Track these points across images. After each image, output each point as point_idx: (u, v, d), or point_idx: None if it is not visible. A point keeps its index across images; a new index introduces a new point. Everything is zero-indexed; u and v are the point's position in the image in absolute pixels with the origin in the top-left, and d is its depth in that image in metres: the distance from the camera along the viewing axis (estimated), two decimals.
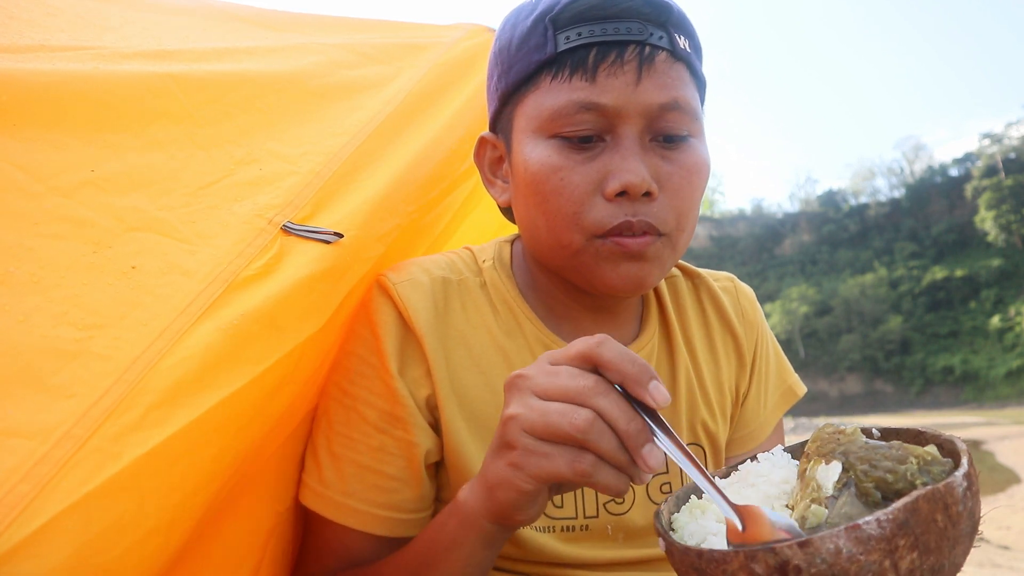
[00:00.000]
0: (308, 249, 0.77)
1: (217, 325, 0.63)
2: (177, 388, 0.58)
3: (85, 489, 0.50)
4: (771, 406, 0.94)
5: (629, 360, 0.56)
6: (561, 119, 0.73)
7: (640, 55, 0.72)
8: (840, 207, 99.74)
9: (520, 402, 0.58)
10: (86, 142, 0.69)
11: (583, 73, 0.72)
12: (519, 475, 0.57)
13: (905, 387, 68.52)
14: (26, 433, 0.50)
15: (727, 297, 0.96)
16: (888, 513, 0.41)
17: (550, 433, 0.55)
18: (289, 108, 0.93)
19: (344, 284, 0.81)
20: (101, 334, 0.57)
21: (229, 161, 0.80)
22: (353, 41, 1.19)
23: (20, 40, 0.76)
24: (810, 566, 0.42)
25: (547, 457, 0.56)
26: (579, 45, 0.72)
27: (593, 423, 0.54)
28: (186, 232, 0.69)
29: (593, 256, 0.75)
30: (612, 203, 0.73)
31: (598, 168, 0.73)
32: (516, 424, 0.57)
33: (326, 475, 0.78)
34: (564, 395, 0.56)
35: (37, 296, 0.57)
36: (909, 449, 0.47)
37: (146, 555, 0.54)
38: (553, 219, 0.76)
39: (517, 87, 0.78)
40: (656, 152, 0.75)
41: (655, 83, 0.72)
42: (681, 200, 0.76)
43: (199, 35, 1.03)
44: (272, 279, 0.71)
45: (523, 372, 0.59)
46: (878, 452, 0.48)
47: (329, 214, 0.83)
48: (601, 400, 0.55)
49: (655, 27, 0.73)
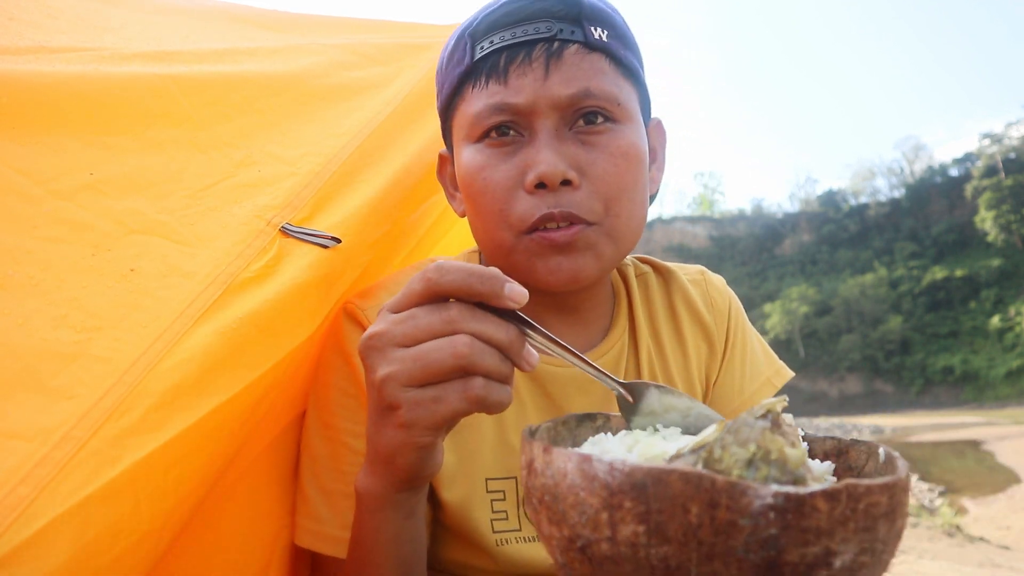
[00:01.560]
0: (305, 253, 0.77)
1: (215, 328, 0.63)
2: (176, 391, 0.58)
3: (84, 492, 0.49)
4: (748, 393, 0.94)
5: (476, 277, 0.54)
6: (481, 123, 0.76)
7: (547, 51, 0.74)
8: (840, 207, 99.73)
9: (386, 359, 0.55)
10: (85, 144, 0.69)
11: (497, 77, 0.75)
12: (413, 432, 0.56)
13: (905, 387, 68.48)
14: (26, 435, 0.50)
15: (696, 289, 0.97)
16: (628, 464, 0.37)
17: (432, 374, 0.54)
18: (289, 110, 0.93)
19: (336, 290, 0.81)
20: (101, 336, 0.57)
21: (228, 163, 0.80)
22: (353, 42, 1.19)
23: (20, 42, 0.76)
24: (541, 474, 0.41)
25: (437, 400, 0.54)
26: (492, 51, 0.75)
27: (473, 344, 0.53)
28: (185, 234, 0.69)
29: (525, 253, 0.76)
30: (533, 196, 0.74)
31: (517, 164, 0.75)
32: (393, 382, 0.55)
33: (319, 511, 0.78)
34: (432, 332, 0.54)
35: (37, 299, 0.57)
36: (767, 440, 0.40)
37: (139, 559, 0.55)
38: (485, 219, 0.78)
39: (449, 102, 0.82)
40: (576, 141, 0.76)
41: (563, 76, 0.74)
42: (607, 185, 0.75)
43: (199, 36, 1.03)
44: (270, 283, 0.71)
45: (374, 331, 0.56)
46: (743, 430, 0.41)
47: (328, 216, 0.83)
48: (472, 323, 0.54)
49: (566, 23, 0.75)
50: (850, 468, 0.49)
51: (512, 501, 0.82)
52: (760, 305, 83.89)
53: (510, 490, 0.83)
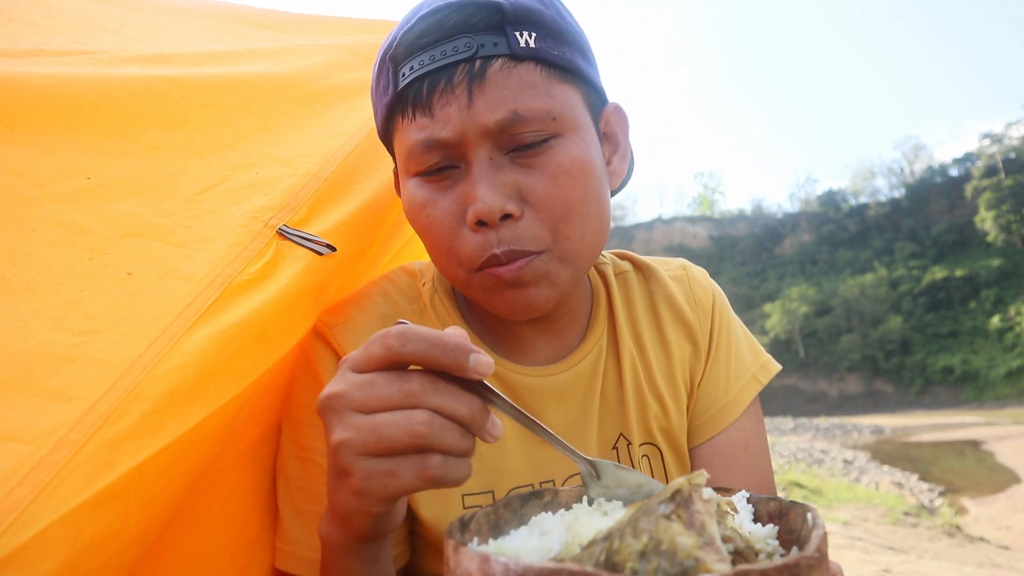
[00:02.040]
0: (300, 257, 0.77)
1: (211, 332, 0.63)
2: (171, 397, 0.58)
3: (80, 498, 0.49)
4: (735, 390, 0.90)
5: (440, 348, 0.51)
6: (415, 160, 0.72)
7: (469, 74, 0.68)
8: (840, 207, 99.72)
9: (343, 423, 0.52)
10: (83, 147, 0.69)
11: (422, 109, 0.69)
12: (366, 501, 0.54)
13: (905, 387, 68.47)
14: (23, 437, 0.50)
15: (678, 285, 0.93)
16: (521, 565, 0.38)
17: (387, 448, 0.51)
18: (287, 112, 0.93)
19: (325, 297, 0.81)
20: (98, 339, 0.57)
21: (226, 166, 0.79)
22: (352, 42, 1.19)
23: (19, 43, 0.76)
24: (453, 571, 0.43)
25: (390, 475, 0.52)
26: (415, 79, 0.69)
27: (432, 422, 0.51)
28: (182, 236, 0.69)
29: (479, 288, 0.74)
30: (478, 234, 0.70)
31: (456, 199, 0.71)
32: (347, 449, 0.52)
33: (293, 533, 0.77)
34: (390, 404, 0.51)
35: (34, 302, 0.57)
36: (661, 529, 0.41)
37: (122, 565, 0.54)
38: (436, 255, 0.75)
39: (384, 130, 0.78)
40: (514, 166, 0.70)
41: (488, 100, 0.68)
42: (551, 210, 0.71)
43: (198, 36, 1.03)
44: (265, 287, 0.71)
45: (332, 391, 0.54)
46: (642, 520, 0.42)
47: (325, 218, 0.83)
48: (433, 398, 0.51)
49: (487, 35, 0.68)
50: (791, 531, 0.49)
51: None
52: (760, 305, 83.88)
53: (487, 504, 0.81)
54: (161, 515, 0.59)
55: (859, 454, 19.37)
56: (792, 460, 15.57)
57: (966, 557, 6.34)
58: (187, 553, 0.71)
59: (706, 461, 0.88)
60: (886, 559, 5.09)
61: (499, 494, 0.80)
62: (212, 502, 0.73)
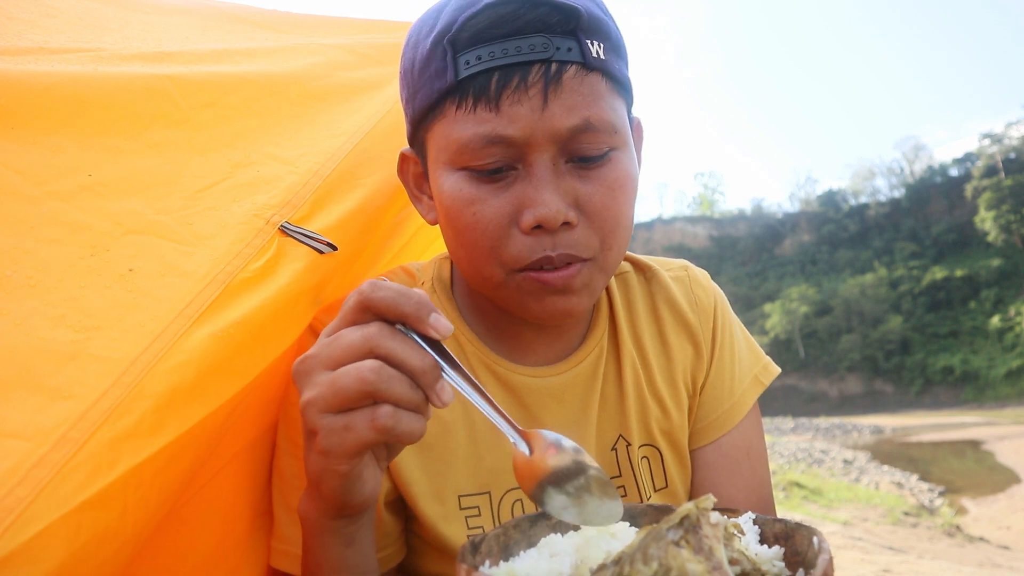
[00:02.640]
0: (301, 255, 0.76)
1: (212, 332, 0.63)
2: (172, 396, 0.58)
3: (80, 497, 0.49)
4: (739, 393, 0.90)
5: (405, 297, 0.53)
6: (469, 153, 0.69)
7: (545, 76, 0.66)
8: (840, 207, 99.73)
9: (310, 384, 0.54)
10: (84, 146, 0.69)
11: (487, 102, 0.67)
12: (331, 460, 0.55)
13: (905, 387, 68.45)
14: (24, 435, 0.50)
15: (679, 287, 0.92)
16: None
17: (343, 400, 0.53)
18: (287, 111, 0.93)
19: (323, 296, 0.81)
20: (99, 336, 0.57)
21: (227, 164, 0.79)
22: (352, 42, 1.19)
23: (19, 42, 0.76)
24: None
25: (347, 428, 0.53)
26: (481, 71, 0.67)
27: (380, 370, 0.52)
28: (184, 234, 0.69)
29: (515, 290, 0.73)
30: (529, 236, 0.70)
31: (511, 200, 0.70)
32: (312, 408, 0.54)
33: (285, 532, 0.77)
34: (351, 351, 0.53)
35: (35, 299, 0.57)
36: (671, 556, 0.42)
37: (117, 565, 0.55)
38: (472, 252, 0.73)
39: (424, 113, 0.73)
40: (574, 174, 0.71)
41: (563, 105, 0.67)
42: (604, 220, 0.72)
43: (199, 36, 1.03)
44: (265, 285, 0.71)
45: (305, 355, 0.56)
46: (651, 546, 0.43)
47: (326, 215, 0.82)
48: (386, 343, 0.53)
49: (562, 38, 0.67)
50: (796, 553, 0.50)
51: (487, 516, 0.81)
52: (760, 305, 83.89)
53: (484, 506, 0.81)
54: (156, 514, 0.59)
55: (859, 454, 19.37)
56: (792, 460, 15.57)
57: (966, 557, 6.35)
58: (180, 553, 0.71)
59: (710, 463, 0.89)
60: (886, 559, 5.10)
61: (495, 495, 0.81)
62: (206, 502, 0.73)
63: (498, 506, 0.81)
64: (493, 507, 0.81)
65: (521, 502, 0.82)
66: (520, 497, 0.81)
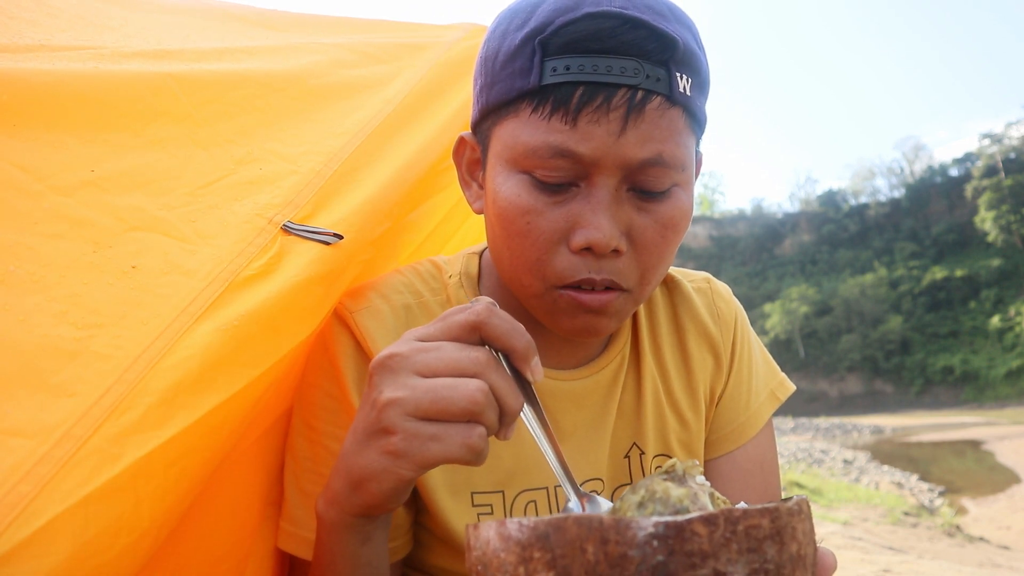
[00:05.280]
0: (307, 250, 0.76)
1: (217, 326, 0.63)
2: (177, 389, 0.58)
3: (85, 490, 0.49)
4: (755, 406, 0.91)
5: (519, 334, 0.55)
6: (534, 159, 0.68)
7: (629, 102, 0.65)
8: (840, 207, 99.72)
9: (398, 383, 0.54)
10: (86, 142, 0.69)
11: (564, 114, 0.65)
12: (400, 463, 0.54)
13: (905, 387, 68.48)
14: (27, 432, 0.50)
15: (701, 298, 0.93)
16: (533, 520, 0.41)
17: (440, 411, 0.53)
18: (290, 108, 0.93)
19: (338, 287, 0.81)
20: (101, 333, 0.57)
21: (229, 161, 0.79)
22: (353, 41, 1.19)
23: (20, 40, 0.76)
24: (474, 548, 0.45)
25: (435, 439, 0.53)
26: (568, 81, 0.65)
27: (488, 396, 0.53)
28: (186, 231, 0.69)
29: (551, 304, 0.73)
30: (576, 256, 0.69)
31: (566, 216, 0.69)
32: (397, 408, 0.53)
33: (297, 514, 0.77)
34: (454, 369, 0.53)
35: (37, 295, 0.57)
36: (656, 483, 0.46)
37: (137, 556, 0.55)
38: (516, 259, 0.72)
39: (497, 107, 0.72)
40: (633, 203, 0.70)
41: (640, 135, 0.66)
42: (649, 255, 0.71)
43: (199, 35, 1.03)
44: (272, 279, 0.71)
45: (395, 351, 0.56)
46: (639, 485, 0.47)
47: (329, 214, 0.82)
48: (492, 374, 0.53)
49: (653, 66, 0.65)
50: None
51: (500, 515, 0.81)
52: (760, 305, 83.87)
53: (497, 504, 0.81)
54: (178, 505, 0.60)
55: (859, 454, 19.38)
56: (792, 460, 15.57)
57: (966, 557, 6.35)
58: (190, 542, 0.71)
59: (724, 474, 0.89)
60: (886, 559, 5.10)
61: (509, 495, 0.81)
62: (216, 491, 0.73)
63: (511, 506, 0.81)
64: (506, 506, 0.81)
65: (535, 503, 0.82)
66: (534, 498, 0.82)
